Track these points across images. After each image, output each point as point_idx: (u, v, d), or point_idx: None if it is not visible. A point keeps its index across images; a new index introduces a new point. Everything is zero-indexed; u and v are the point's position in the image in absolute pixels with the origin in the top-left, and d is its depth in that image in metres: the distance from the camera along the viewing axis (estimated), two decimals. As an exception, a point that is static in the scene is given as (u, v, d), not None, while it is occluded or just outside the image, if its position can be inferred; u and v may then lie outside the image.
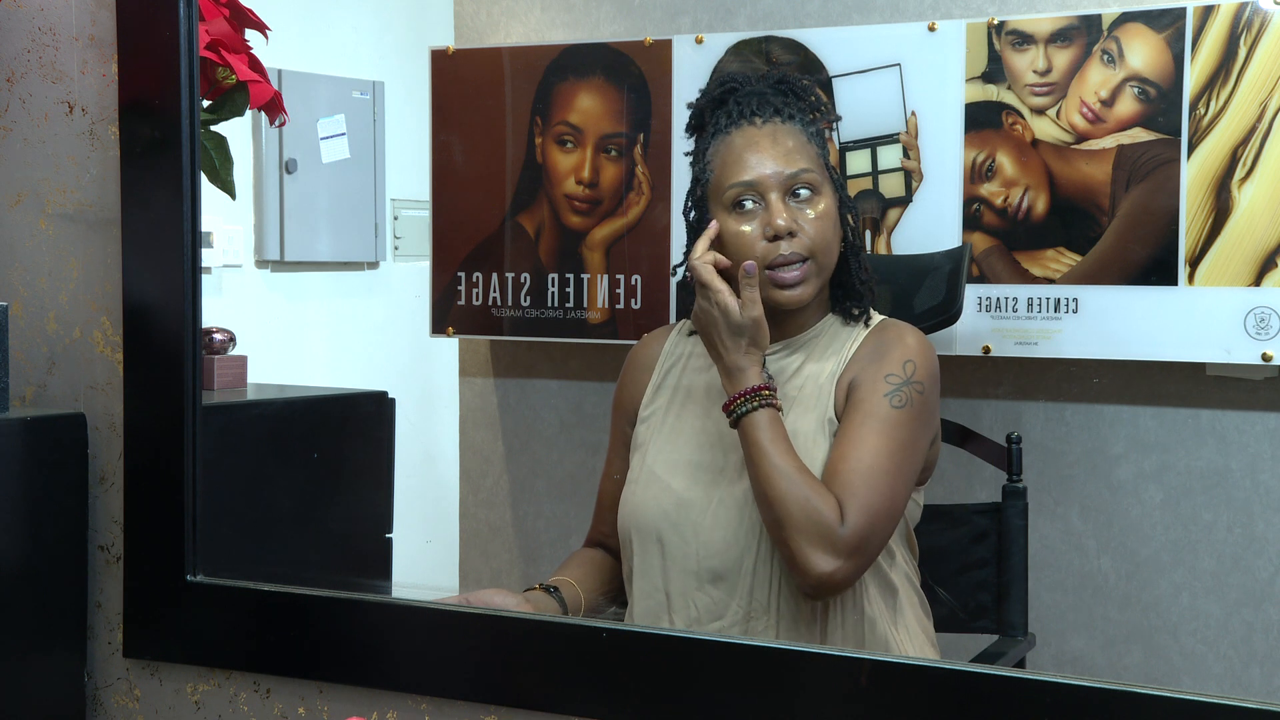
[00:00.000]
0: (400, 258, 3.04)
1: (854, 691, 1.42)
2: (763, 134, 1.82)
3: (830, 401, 1.79)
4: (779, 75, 1.88)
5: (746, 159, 1.80)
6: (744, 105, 1.84)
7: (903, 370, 1.77)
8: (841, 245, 1.83)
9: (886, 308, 1.90)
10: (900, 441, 1.75)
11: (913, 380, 1.77)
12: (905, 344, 1.80)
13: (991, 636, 2.18)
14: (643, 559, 1.83)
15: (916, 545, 1.90)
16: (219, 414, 2.03)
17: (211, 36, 1.90)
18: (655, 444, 1.87)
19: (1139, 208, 2.32)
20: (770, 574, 1.77)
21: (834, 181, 1.83)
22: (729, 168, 1.81)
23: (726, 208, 1.81)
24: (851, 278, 1.85)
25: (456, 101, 2.80)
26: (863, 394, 1.77)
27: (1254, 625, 2.33)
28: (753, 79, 1.87)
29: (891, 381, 1.77)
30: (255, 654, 1.71)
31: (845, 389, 1.79)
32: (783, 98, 1.85)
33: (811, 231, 1.78)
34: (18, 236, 1.84)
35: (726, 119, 1.85)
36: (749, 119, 1.83)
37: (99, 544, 1.80)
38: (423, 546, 2.81)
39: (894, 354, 1.79)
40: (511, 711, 1.58)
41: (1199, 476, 2.36)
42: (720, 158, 1.83)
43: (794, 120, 1.83)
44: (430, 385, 2.98)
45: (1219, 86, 2.26)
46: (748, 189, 1.79)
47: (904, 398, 1.76)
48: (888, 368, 1.78)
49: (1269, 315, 2.24)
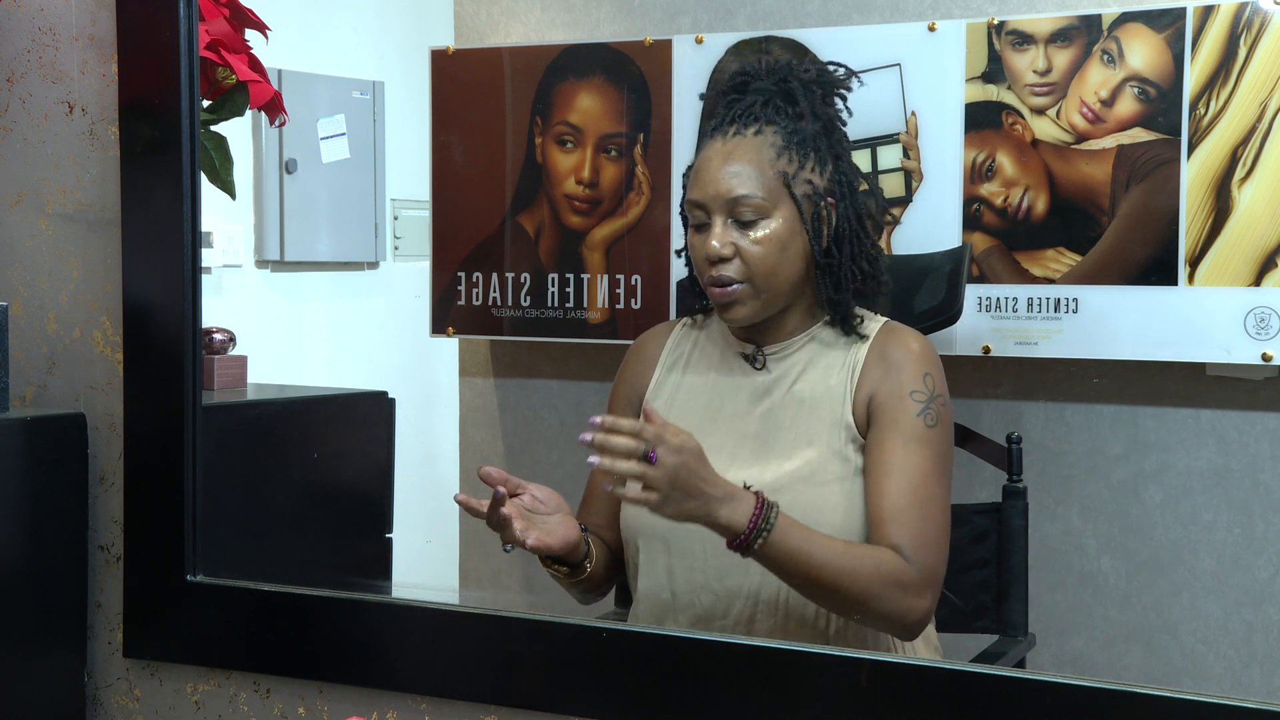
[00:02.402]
0: (400, 258, 3.04)
1: (854, 691, 1.42)
2: (724, 150, 1.81)
3: (846, 413, 1.79)
4: (787, 70, 1.86)
5: (701, 176, 1.81)
6: (729, 111, 1.84)
7: (925, 385, 1.78)
8: (808, 258, 1.80)
9: (886, 308, 1.90)
10: (941, 459, 1.77)
11: (936, 394, 1.78)
12: (916, 354, 1.80)
13: (991, 636, 2.18)
14: (648, 559, 1.83)
15: None
16: (219, 414, 2.02)
17: (211, 36, 1.90)
18: None
19: (1139, 208, 2.31)
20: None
21: (797, 200, 1.79)
22: (691, 181, 1.84)
23: (687, 218, 1.84)
24: (830, 286, 1.81)
25: (456, 101, 2.80)
26: (892, 414, 1.77)
27: (1254, 625, 2.33)
28: (764, 73, 1.86)
29: (918, 399, 1.77)
30: (255, 654, 1.71)
31: (864, 405, 1.79)
32: (780, 100, 1.83)
33: (749, 256, 1.78)
34: (18, 236, 1.84)
35: (712, 123, 1.86)
36: (723, 130, 1.83)
37: (99, 544, 1.80)
38: (423, 546, 2.81)
39: (910, 368, 1.79)
40: (511, 711, 1.58)
41: (1199, 476, 2.36)
42: (693, 167, 1.85)
43: (773, 127, 1.81)
44: (430, 385, 2.98)
45: (1219, 86, 2.26)
46: (696, 206, 1.82)
47: (935, 414, 1.77)
48: (910, 384, 1.78)
49: (1269, 315, 2.24)
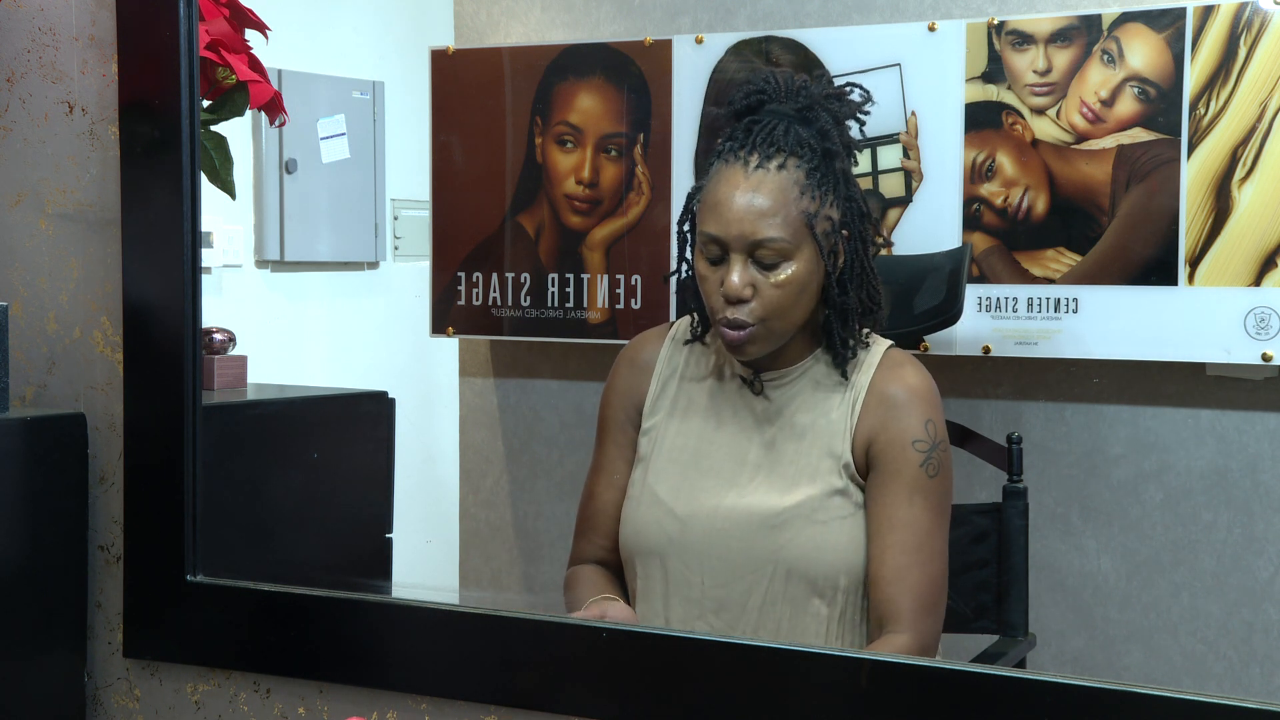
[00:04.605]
0: (400, 258, 3.05)
1: (854, 691, 1.42)
2: (748, 185, 1.73)
3: (845, 451, 1.77)
4: (809, 99, 1.78)
5: (721, 210, 1.73)
6: (748, 136, 1.76)
7: (927, 433, 1.76)
8: (820, 294, 1.77)
9: (886, 308, 1.89)
10: (941, 510, 1.77)
11: (937, 442, 1.76)
12: (919, 395, 1.77)
13: (992, 636, 2.18)
14: (645, 581, 1.82)
15: None
16: (219, 414, 2.02)
17: (211, 36, 1.90)
18: (656, 462, 1.84)
19: (1139, 208, 2.32)
20: (779, 613, 1.76)
21: (819, 241, 1.73)
22: (707, 211, 1.76)
23: (700, 246, 1.77)
24: (838, 321, 1.78)
25: (456, 101, 2.80)
26: (895, 465, 1.75)
27: (1254, 625, 2.33)
28: (783, 92, 1.78)
29: (920, 449, 1.75)
30: (255, 654, 1.71)
31: (864, 447, 1.76)
32: (802, 128, 1.76)
33: (768, 299, 1.73)
34: (18, 236, 1.84)
35: (731, 143, 1.77)
36: (744, 157, 1.74)
37: (99, 544, 1.80)
38: (423, 546, 2.81)
39: (913, 413, 1.76)
40: (511, 711, 1.57)
41: (1199, 476, 2.36)
42: (708, 192, 1.77)
43: (797, 159, 1.74)
44: (430, 385, 2.98)
45: (1219, 86, 2.26)
46: (713, 242, 1.74)
47: (936, 463, 1.75)
48: (912, 431, 1.75)
49: (1269, 315, 2.24)
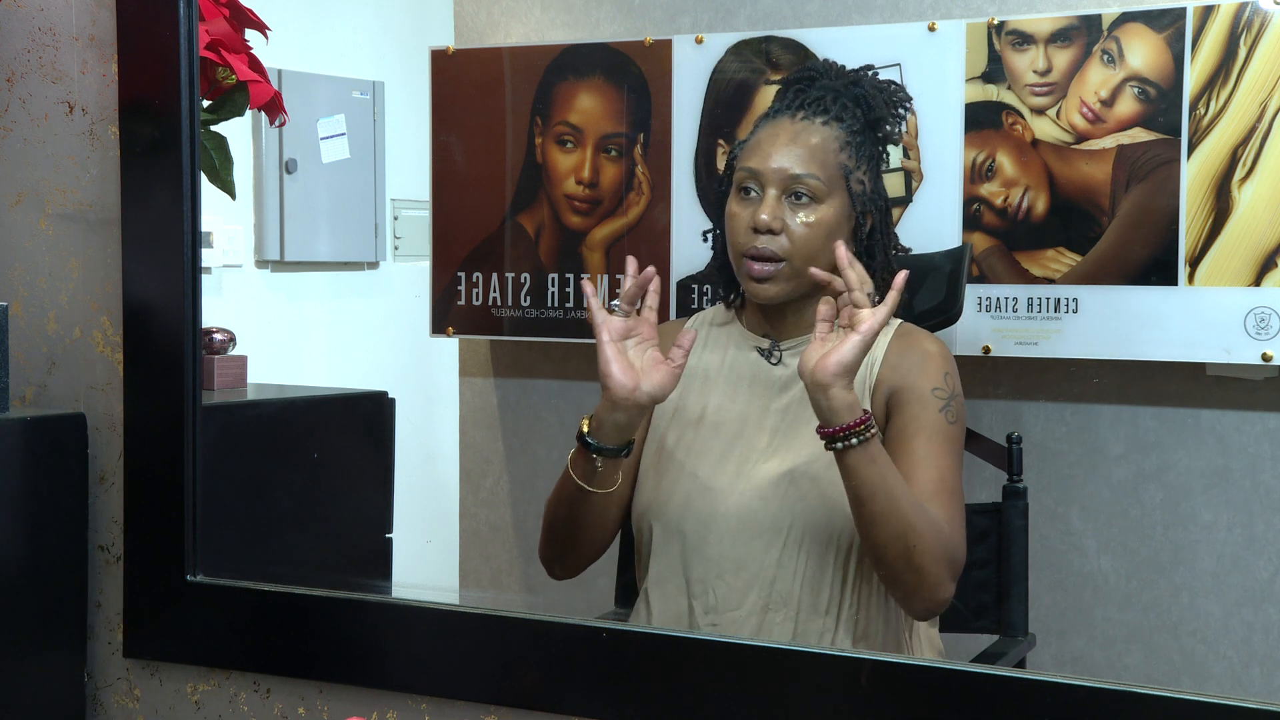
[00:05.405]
0: (400, 258, 3.04)
1: (854, 691, 1.42)
2: (791, 129, 1.82)
3: (865, 403, 1.78)
4: (859, 76, 1.87)
5: (763, 147, 1.81)
6: (799, 98, 1.84)
7: (945, 383, 1.80)
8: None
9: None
10: (960, 455, 1.80)
11: (955, 393, 1.80)
12: (935, 355, 1.81)
13: (992, 636, 2.18)
14: (662, 544, 1.83)
15: None
16: (219, 414, 2.02)
17: (211, 36, 1.90)
18: (675, 429, 1.86)
19: (1139, 208, 2.31)
20: (796, 567, 1.77)
21: (852, 196, 1.81)
22: (749, 150, 1.83)
23: (735, 186, 1.83)
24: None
25: (456, 101, 2.80)
26: (916, 410, 1.78)
27: (1254, 625, 2.33)
28: (834, 73, 1.87)
29: (939, 396, 1.78)
30: (255, 654, 1.71)
31: (883, 401, 1.79)
32: (849, 101, 1.84)
33: (796, 235, 1.78)
34: (18, 236, 1.84)
35: (779, 103, 1.86)
36: (790, 111, 1.84)
37: (99, 544, 1.80)
38: (423, 546, 2.81)
39: (931, 367, 1.80)
40: (511, 711, 1.57)
41: (1199, 476, 2.36)
42: (752, 138, 1.85)
43: (840, 123, 1.82)
44: (430, 385, 2.98)
45: (1219, 86, 2.26)
46: (751, 176, 1.81)
47: (954, 412, 1.79)
48: (931, 381, 1.79)
49: (1269, 315, 2.24)
